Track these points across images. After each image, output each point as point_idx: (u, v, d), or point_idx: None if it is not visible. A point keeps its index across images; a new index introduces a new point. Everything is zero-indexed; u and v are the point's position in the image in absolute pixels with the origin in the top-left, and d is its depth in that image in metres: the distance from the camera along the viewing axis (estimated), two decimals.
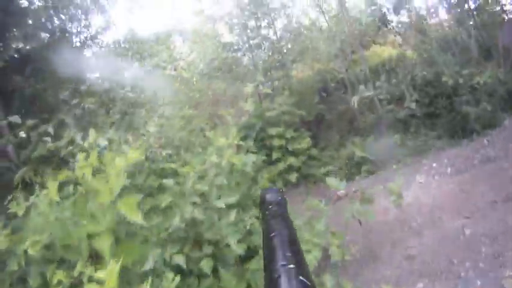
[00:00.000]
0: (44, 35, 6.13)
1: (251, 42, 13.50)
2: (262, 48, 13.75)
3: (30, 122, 4.76)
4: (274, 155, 10.68)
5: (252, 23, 13.34)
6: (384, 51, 14.10)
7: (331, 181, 4.33)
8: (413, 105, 8.81)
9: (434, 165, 7.84)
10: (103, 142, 3.92)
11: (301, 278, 0.64)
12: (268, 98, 12.52)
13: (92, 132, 3.88)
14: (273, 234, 0.83)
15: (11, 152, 5.06)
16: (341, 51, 12.89)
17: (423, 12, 12.82)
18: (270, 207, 1.04)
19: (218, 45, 14.00)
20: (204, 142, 5.02)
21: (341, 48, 12.84)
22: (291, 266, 0.67)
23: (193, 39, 17.98)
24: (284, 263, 0.69)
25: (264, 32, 13.50)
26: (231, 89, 13.76)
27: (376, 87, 9.49)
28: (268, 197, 1.13)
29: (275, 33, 13.33)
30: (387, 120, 10.37)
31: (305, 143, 10.75)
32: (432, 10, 11.82)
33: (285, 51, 14.07)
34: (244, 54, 13.84)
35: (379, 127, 10.48)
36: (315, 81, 13.34)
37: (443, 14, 12.62)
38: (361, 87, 9.46)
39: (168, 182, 3.45)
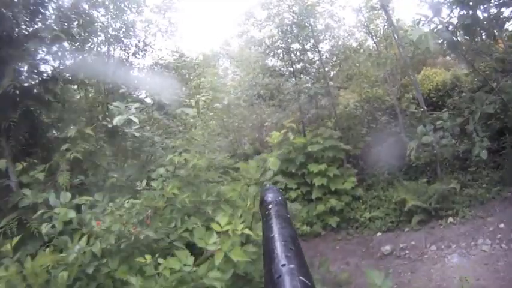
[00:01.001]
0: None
1: (294, 66, 12.76)
2: (307, 73, 12.93)
3: (19, 165, 4.49)
4: (314, 194, 9.81)
5: (295, 46, 12.61)
6: (437, 75, 12.87)
7: (372, 275, 3.39)
8: (484, 155, 7.42)
9: (501, 226, 6.63)
10: (71, 214, 3.41)
11: (301, 278, 0.60)
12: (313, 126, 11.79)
13: (64, 196, 3.65)
14: (273, 234, 0.79)
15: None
16: (391, 75, 11.84)
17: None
18: (270, 207, 0.98)
19: (260, 70, 13.31)
20: (216, 201, 4.37)
21: (391, 72, 11.79)
22: (291, 266, 0.64)
23: (237, 63, 17.55)
24: (284, 263, 0.65)
25: (308, 55, 12.71)
26: (273, 117, 13.02)
27: (436, 128, 8.11)
28: (268, 196, 1.06)
29: (320, 57, 12.43)
30: (443, 155, 9.16)
31: (350, 182, 9.81)
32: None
33: (331, 75, 13.20)
34: (288, 80, 12.99)
35: (434, 165, 9.30)
36: (363, 110, 12.30)
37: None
38: (420, 128, 8.07)
39: (135, 281, 2.82)
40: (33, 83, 4.94)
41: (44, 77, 5.12)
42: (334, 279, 6.41)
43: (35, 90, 5.00)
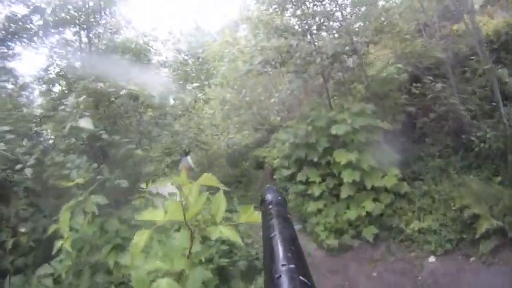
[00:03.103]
0: None
1: (309, 22, 10.13)
2: (326, 29, 10.29)
3: None
4: (344, 193, 7.51)
5: None
6: (485, 25, 9.74)
7: None
8: None
9: None
10: None
11: (301, 278, 0.63)
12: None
13: None
14: (273, 234, 0.83)
15: None
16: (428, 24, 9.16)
17: None
18: (270, 207, 1.02)
19: (265, 31, 10.81)
20: None
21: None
22: (292, 266, 0.67)
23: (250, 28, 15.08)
24: (284, 263, 0.68)
25: (325, 7, 10.03)
26: (283, 88, 10.63)
27: None
28: (268, 196, 1.10)
29: (340, 9, 9.78)
30: None
31: (392, 177, 7.40)
32: None
33: (356, 29, 10.46)
34: (303, 39, 10.29)
35: (504, 148, 6.72)
36: (399, 69, 9.54)
37: None
38: None
39: None
40: None
41: None
42: None
43: None
